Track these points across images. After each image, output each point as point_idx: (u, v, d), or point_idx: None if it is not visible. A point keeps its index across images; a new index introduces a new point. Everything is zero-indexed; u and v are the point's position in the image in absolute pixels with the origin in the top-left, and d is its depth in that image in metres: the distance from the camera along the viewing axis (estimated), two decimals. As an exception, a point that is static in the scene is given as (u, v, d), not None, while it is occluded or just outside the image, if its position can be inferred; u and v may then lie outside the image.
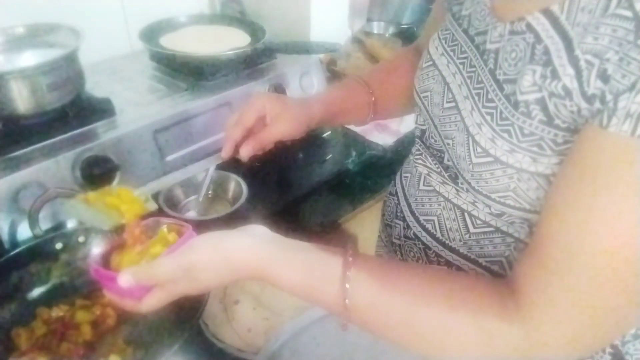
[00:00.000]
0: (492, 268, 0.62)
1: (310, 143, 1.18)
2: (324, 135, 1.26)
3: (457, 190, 0.62)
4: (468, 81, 0.58)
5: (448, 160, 0.63)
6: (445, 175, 0.65)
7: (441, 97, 0.63)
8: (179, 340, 0.60)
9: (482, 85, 0.56)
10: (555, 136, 0.48)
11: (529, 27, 0.51)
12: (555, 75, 0.47)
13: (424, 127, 0.70)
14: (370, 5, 1.64)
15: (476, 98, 0.56)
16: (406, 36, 1.62)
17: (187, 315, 0.66)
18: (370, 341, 0.66)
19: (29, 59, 0.95)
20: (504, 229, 0.58)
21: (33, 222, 0.79)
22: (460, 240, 0.63)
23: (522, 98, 0.49)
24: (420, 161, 0.70)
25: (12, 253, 0.74)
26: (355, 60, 1.45)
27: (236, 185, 1.00)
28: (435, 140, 0.66)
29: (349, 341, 0.66)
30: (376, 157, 1.18)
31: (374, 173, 1.18)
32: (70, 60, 0.93)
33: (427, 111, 0.67)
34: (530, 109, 0.49)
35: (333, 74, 1.41)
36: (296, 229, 1.03)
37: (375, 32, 1.64)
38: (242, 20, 1.35)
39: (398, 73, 0.84)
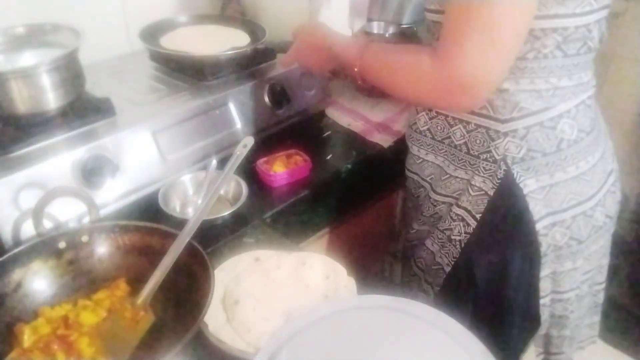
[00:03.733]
0: None
1: (310, 143, 1.18)
2: (324, 135, 1.26)
3: None
4: None
5: None
6: None
7: None
8: (182, 342, 0.60)
9: None
10: None
11: None
12: None
13: None
14: (370, 5, 1.63)
15: None
16: (406, 36, 1.62)
17: (189, 317, 0.66)
18: (369, 341, 0.66)
19: (29, 59, 0.95)
20: None
21: (37, 220, 0.79)
22: None
23: None
24: None
25: (15, 250, 0.74)
26: (355, 60, 1.45)
27: (236, 185, 1.00)
28: None
29: (348, 341, 0.66)
30: (376, 157, 1.18)
31: (374, 173, 1.18)
32: (70, 60, 0.93)
33: None
34: None
35: (333, 73, 1.41)
36: (296, 229, 1.04)
37: (375, 32, 1.63)
38: (242, 20, 1.35)
39: None
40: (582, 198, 0.84)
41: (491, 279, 0.87)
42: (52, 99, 0.91)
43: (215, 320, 0.71)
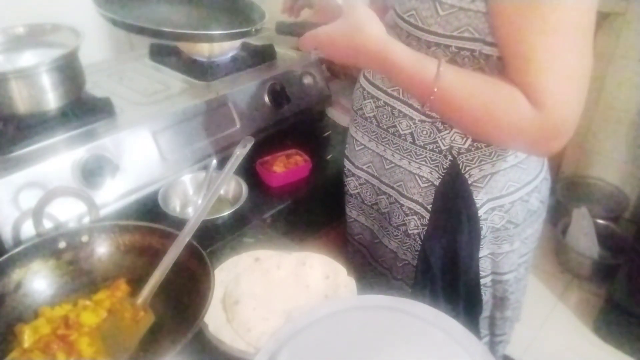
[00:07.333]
0: None
1: (310, 143, 1.18)
2: (324, 135, 1.26)
3: None
4: None
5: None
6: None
7: None
8: (182, 342, 0.60)
9: None
10: None
11: None
12: None
13: None
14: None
15: None
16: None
17: (189, 317, 0.66)
18: (369, 341, 0.66)
19: (29, 59, 0.95)
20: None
21: (37, 220, 0.79)
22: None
23: None
24: None
25: (15, 250, 0.74)
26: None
27: (236, 185, 1.00)
28: None
29: (348, 341, 0.66)
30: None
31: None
32: (70, 60, 0.94)
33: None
34: None
35: (333, 73, 1.41)
36: (296, 229, 1.04)
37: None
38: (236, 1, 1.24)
39: None
40: (519, 185, 0.87)
41: (444, 264, 0.90)
42: (52, 99, 0.91)
43: (215, 320, 0.71)
